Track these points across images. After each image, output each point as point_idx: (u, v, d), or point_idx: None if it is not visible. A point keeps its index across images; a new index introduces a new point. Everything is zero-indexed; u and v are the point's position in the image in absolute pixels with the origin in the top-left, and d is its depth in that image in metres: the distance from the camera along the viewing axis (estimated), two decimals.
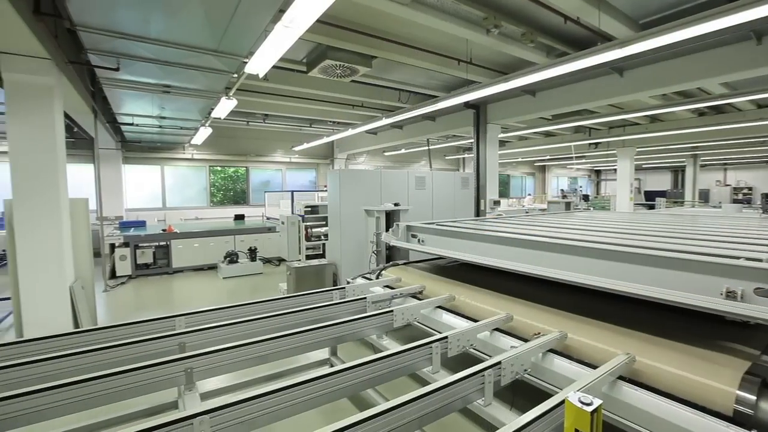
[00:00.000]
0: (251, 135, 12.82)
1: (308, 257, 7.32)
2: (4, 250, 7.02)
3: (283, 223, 7.54)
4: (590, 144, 12.82)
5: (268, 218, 11.21)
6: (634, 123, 10.45)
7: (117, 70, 4.73)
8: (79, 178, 9.73)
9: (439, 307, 2.92)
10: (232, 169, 13.53)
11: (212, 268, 8.66)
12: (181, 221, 11.31)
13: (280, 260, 9.31)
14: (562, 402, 1.40)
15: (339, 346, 3.26)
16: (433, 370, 2.11)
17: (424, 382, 2.13)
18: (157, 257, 8.22)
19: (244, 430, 1.53)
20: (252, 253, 8.39)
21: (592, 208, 12.78)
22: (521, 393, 2.33)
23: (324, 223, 7.67)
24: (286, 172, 14.42)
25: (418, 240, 3.82)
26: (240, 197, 13.64)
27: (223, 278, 7.90)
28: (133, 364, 1.82)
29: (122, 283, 7.55)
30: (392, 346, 2.78)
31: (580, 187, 21.37)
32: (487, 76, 6.36)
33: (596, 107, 8.35)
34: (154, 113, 7.61)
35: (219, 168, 13.25)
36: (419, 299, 3.09)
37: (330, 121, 11.11)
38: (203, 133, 9.02)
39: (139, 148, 11.50)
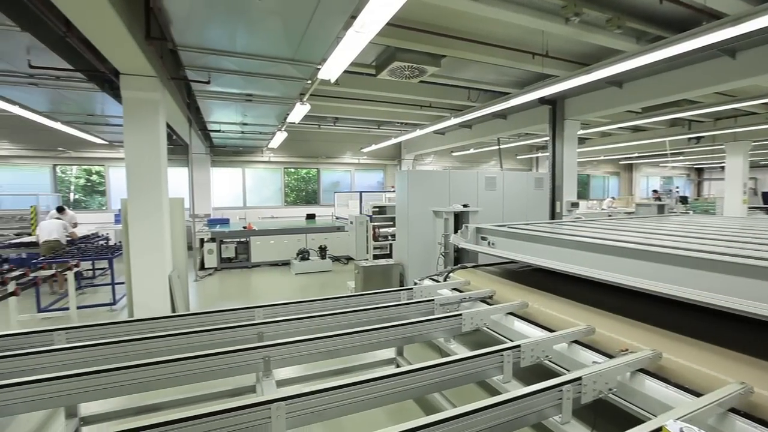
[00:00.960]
0: (322, 138, 13.43)
1: (375, 257, 7.46)
2: (120, 241, 8.23)
3: (351, 222, 7.78)
4: (690, 138, 11.31)
5: (337, 218, 11.66)
6: (749, 112, 8.98)
7: (208, 83, 5.26)
8: (176, 180, 11.02)
9: (511, 313, 2.78)
10: (304, 171, 14.33)
11: (286, 264, 9.23)
12: (259, 219, 12.24)
13: (349, 259, 9.61)
14: (659, 430, 1.25)
15: (405, 347, 3.27)
16: (504, 380, 2.01)
17: (493, 391, 2.04)
18: (239, 252, 8.99)
19: (315, 419, 1.59)
20: (322, 251, 8.78)
21: (691, 212, 11.26)
22: (604, 414, 2.12)
23: (391, 223, 7.77)
24: (355, 173, 14.88)
25: (489, 243, 3.68)
26: (311, 197, 14.38)
27: (296, 274, 8.38)
28: (218, 349, 2.01)
29: (209, 274, 8.39)
30: (460, 350, 2.71)
31: (677, 187, 18.84)
32: (565, 68, 5.92)
33: (699, 96, 7.31)
34: (237, 120, 8.34)
35: (292, 170, 14.11)
36: (489, 304, 2.97)
37: (398, 122, 11.21)
38: (279, 137, 9.67)
39: (224, 152, 12.71)
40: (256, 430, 1.48)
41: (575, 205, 7.63)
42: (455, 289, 3.43)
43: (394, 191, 11.33)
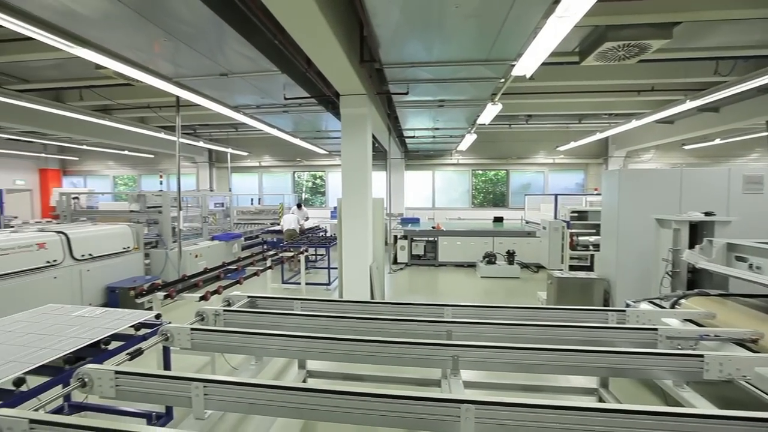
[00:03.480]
0: (512, 138, 12.85)
1: (572, 268, 6.61)
2: (334, 234, 10.04)
3: (544, 228, 7.14)
4: None
5: (527, 222, 10.93)
6: None
7: (406, 93, 5.77)
8: (376, 182, 12.61)
9: None
10: (492, 173, 14.04)
11: (471, 266, 9.25)
12: (446, 220, 12.70)
13: (539, 267, 8.86)
14: None
15: (611, 379, 2.74)
16: None
17: None
18: (427, 250, 9.55)
19: None
20: (510, 256, 8.39)
21: None
22: None
23: (594, 231, 6.73)
24: (549, 174, 13.62)
25: (750, 266, 2.69)
26: (499, 200, 13.96)
27: (481, 277, 8.28)
28: (410, 339, 2.15)
29: (401, 268, 9.23)
30: (698, 402, 2.08)
31: None
32: None
33: None
34: (429, 126, 8.87)
35: (480, 171, 14.03)
36: (752, 350, 2.17)
37: (605, 114, 9.63)
38: (468, 140, 9.76)
39: (416, 156, 13.77)
40: (443, 426, 1.50)
41: None
42: (690, 320, 2.66)
43: (597, 194, 9.79)
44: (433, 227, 9.97)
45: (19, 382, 1.82)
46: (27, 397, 1.82)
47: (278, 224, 9.99)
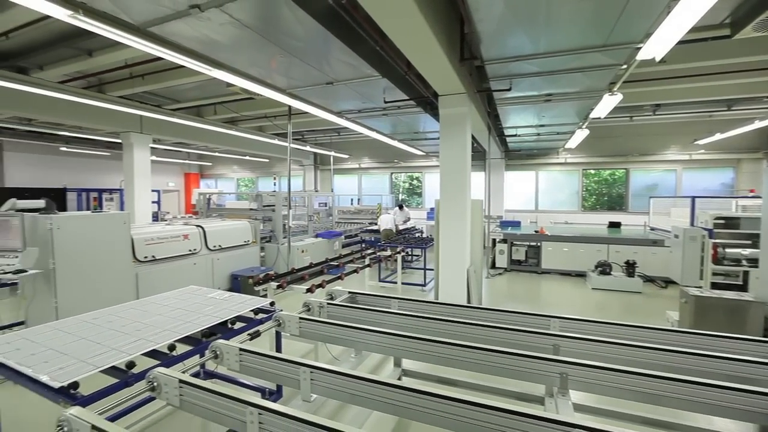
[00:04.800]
0: (634, 131, 11.24)
1: (714, 285, 5.51)
2: (430, 235, 10.03)
3: (676, 236, 6.08)
4: None
5: (652, 229, 9.47)
6: None
7: (509, 90, 5.46)
8: (474, 183, 12.22)
9: None
10: (607, 172, 12.49)
11: (580, 275, 8.36)
12: (550, 224, 11.71)
13: (668, 282, 7.60)
14: None
15: None
16: None
17: None
18: (529, 256, 8.92)
19: None
20: (629, 267, 7.34)
21: None
22: None
23: (749, 242, 5.51)
24: (683, 172, 11.57)
25: None
26: (616, 203, 12.36)
27: (592, 288, 7.43)
28: (512, 349, 2.01)
29: (499, 273, 8.78)
30: None
31: None
32: None
33: None
34: (534, 123, 8.27)
35: (592, 171, 12.60)
36: None
37: (765, 98, 7.82)
38: (579, 136, 8.84)
39: (518, 156, 12.96)
40: None
41: None
42: None
43: (754, 196, 8.00)
44: (536, 231, 9.28)
45: (171, 347, 2.21)
46: (176, 360, 2.19)
47: (376, 224, 10.37)
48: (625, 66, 4.63)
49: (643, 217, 10.51)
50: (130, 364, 1.96)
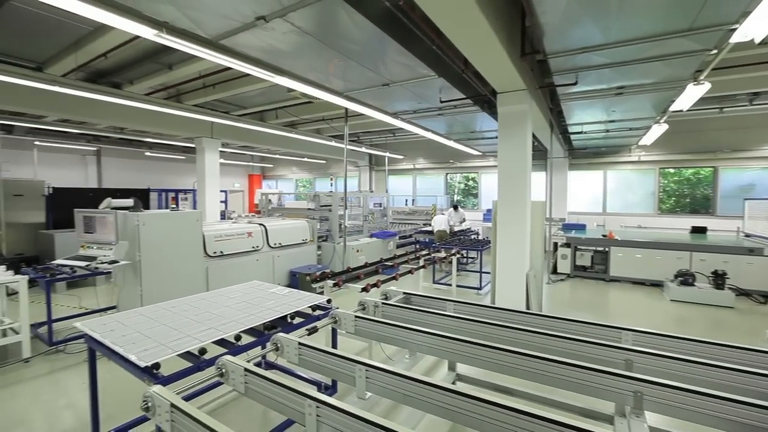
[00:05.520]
0: (725, 124, 9.97)
1: None
2: (487, 237, 9.72)
3: None
4: None
5: (747, 235, 8.35)
6: None
7: (575, 84, 5.13)
8: (535, 184, 11.63)
9: None
10: (690, 171, 11.23)
11: (656, 285, 7.61)
12: (620, 228, 10.80)
13: (767, 297, 6.66)
14: None
15: None
16: None
17: None
18: (595, 262, 8.30)
19: None
20: (718, 277, 6.52)
21: None
22: None
23: None
24: None
25: None
26: (701, 205, 11.06)
27: (671, 300, 6.72)
28: (578, 361, 1.87)
29: (561, 279, 8.27)
30: None
31: None
32: None
33: None
34: (602, 119, 7.68)
35: (672, 170, 11.40)
36: None
37: None
38: (656, 132, 8.05)
39: (583, 155, 12.11)
40: None
41: None
42: None
43: None
44: (603, 235, 8.60)
45: (237, 337, 2.37)
46: (241, 350, 2.33)
47: (430, 225, 10.28)
48: (714, 51, 4.13)
49: (735, 222, 9.30)
50: (202, 351, 2.12)
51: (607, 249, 8.15)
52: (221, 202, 12.72)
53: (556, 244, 8.79)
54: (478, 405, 1.53)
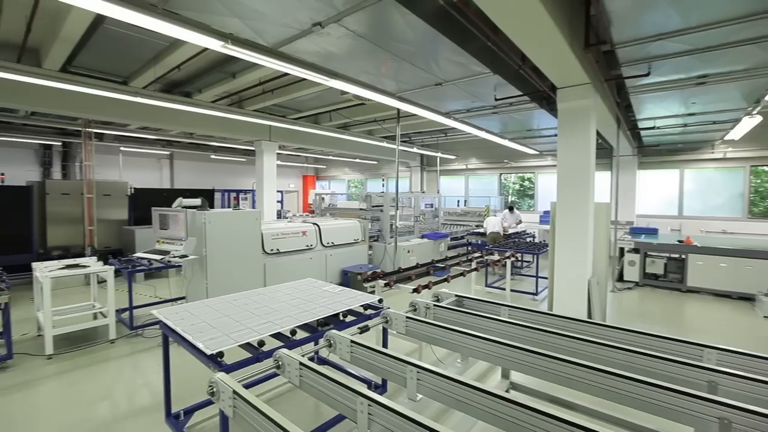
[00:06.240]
0: None
1: None
2: (543, 240, 9.24)
3: None
4: None
5: None
6: None
7: (647, 75, 4.71)
8: (598, 184, 10.84)
9: None
10: None
11: (746, 299, 6.74)
12: (701, 233, 9.74)
13: None
14: None
15: None
16: None
17: None
18: (669, 270, 7.54)
19: None
20: None
21: None
22: None
23: None
24: None
25: None
26: None
27: (764, 317, 5.92)
28: (650, 378, 1.71)
29: (628, 288, 7.62)
30: None
31: None
32: None
33: None
34: (679, 111, 6.98)
35: (767, 168, 10.04)
36: None
37: None
38: (747, 124, 7.14)
39: (656, 152, 11.07)
40: None
41: None
42: None
43: None
44: (680, 241, 7.80)
45: (293, 332, 2.46)
46: (295, 344, 2.42)
47: (482, 226, 9.99)
48: None
49: None
50: (261, 343, 2.23)
51: (683, 256, 7.37)
52: (277, 201, 13.36)
53: (622, 249, 8.13)
54: (534, 416, 1.45)
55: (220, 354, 2.07)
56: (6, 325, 3.99)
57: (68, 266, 4.72)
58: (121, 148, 13.02)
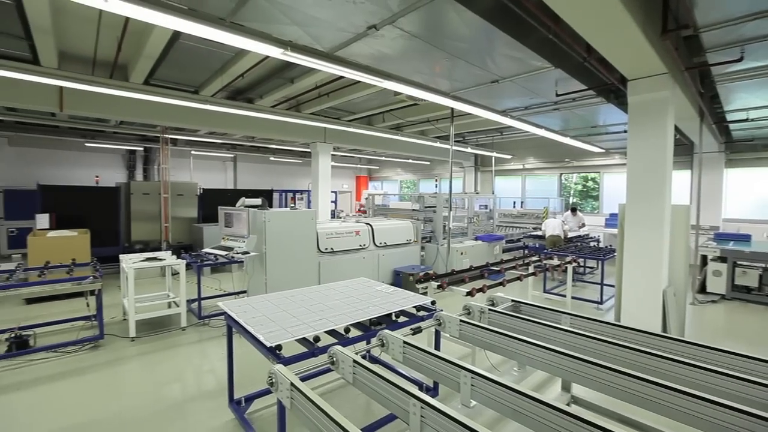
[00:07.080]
0: None
1: None
2: (610, 245, 8.58)
3: None
4: None
5: None
6: None
7: (740, 60, 4.18)
8: (676, 184, 9.82)
9: None
10: None
11: None
12: None
13: None
14: None
15: None
16: None
17: None
18: (764, 282, 6.63)
19: None
20: None
21: None
22: None
23: None
24: None
25: None
26: None
27: None
28: (737, 404, 1.51)
29: (712, 301, 6.82)
30: None
31: None
32: None
33: None
34: None
35: None
36: None
37: None
38: None
39: (749, 148, 9.79)
40: None
41: None
42: None
43: None
44: None
45: (347, 330, 2.51)
46: (349, 342, 2.47)
47: (540, 229, 9.51)
48: None
49: None
50: (316, 338, 2.31)
51: None
52: (332, 202, 13.76)
53: (705, 257, 7.30)
54: None
55: (279, 347, 2.17)
56: (99, 309, 4.52)
57: (148, 259, 5.24)
58: (192, 152, 14.22)
